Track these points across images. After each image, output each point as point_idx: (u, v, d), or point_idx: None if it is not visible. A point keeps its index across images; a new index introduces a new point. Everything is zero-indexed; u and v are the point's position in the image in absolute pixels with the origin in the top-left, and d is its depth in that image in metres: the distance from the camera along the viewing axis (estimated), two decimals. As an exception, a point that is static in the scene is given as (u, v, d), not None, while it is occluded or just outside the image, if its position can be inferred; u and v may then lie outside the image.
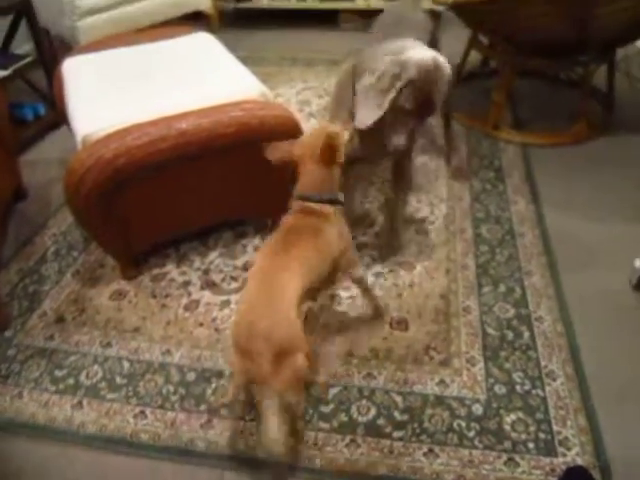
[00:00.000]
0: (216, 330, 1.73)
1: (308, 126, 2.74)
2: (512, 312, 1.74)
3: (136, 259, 1.95)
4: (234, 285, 1.88)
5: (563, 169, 2.40)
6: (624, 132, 2.63)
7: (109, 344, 1.70)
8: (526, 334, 1.66)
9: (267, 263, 1.32)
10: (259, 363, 1.13)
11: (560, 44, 2.38)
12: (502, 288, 1.82)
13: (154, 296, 1.86)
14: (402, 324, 1.71)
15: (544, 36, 2.33)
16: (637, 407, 1.47)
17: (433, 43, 1.97)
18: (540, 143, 2.56)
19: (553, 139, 2.57)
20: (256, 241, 2.07)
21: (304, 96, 3.07)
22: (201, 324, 1.75)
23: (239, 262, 1.98)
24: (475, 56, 3.00)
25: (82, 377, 1.61)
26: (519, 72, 2.63)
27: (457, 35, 2.93)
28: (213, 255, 2.02)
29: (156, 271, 1.96)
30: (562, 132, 2.59)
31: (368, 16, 3.35)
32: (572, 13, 2.13)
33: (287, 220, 1.42)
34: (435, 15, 2.22)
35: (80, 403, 1.54)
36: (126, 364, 1.64)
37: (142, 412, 1.51)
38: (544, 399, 1.48)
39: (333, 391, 1.53)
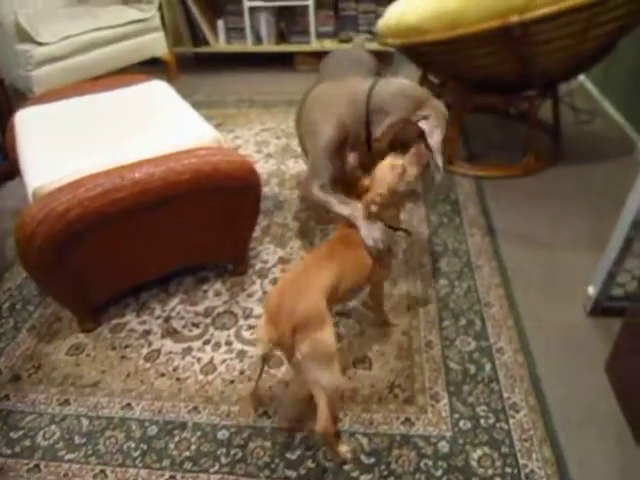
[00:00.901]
0: (178, 380, 1.69)
1: (267, 166, 2.78)
2: (473, 345, 1.76)
3: (94, 310, 1.91)
4: (196, 332, 1.86)
5: (516, 201, 2.47)
6: (571, 163, 2.74)
7: (67, 401, 1.65)
8: (488, 366, 1.68)
9: (309, 261, 1.50)
10: (282, 331, 1.29)
11: (505, 82, 2.48)
12: (463, 321, 1.85)
13: (113, 348, 1.82)
14: (365, 362, 1.71)
15: (489, 74, 2.43)
16: (598, 432, 1.49)
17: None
18: (493, 175, 2.64)
19: (504, 171, 2.65)
20: (217, 286, 2.05)
21: (262, 137, 3.11)
22: (162, 374, 1.72)
23: (200, 308, 1.95)
24: (427, 93, 3.11)
25: (39, 438, 1.54)
26: (471, 108, 2.73)
27: (408, 74, 3.03)
28: (174, 302, 1.99)
29: (115, 321, 1.92)
30: (513, 165, 2.68)
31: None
32: (511, 53, 2.23)
33: (341, 230, 1.63)
34: (379, 54, 2.30)
35: (37, 466, 1.47)
36: (85, 421, 1.59)
37: (102, 471, 1.45)
38: (508, 432, 1.49)
39: (299, 436, 1.51)
